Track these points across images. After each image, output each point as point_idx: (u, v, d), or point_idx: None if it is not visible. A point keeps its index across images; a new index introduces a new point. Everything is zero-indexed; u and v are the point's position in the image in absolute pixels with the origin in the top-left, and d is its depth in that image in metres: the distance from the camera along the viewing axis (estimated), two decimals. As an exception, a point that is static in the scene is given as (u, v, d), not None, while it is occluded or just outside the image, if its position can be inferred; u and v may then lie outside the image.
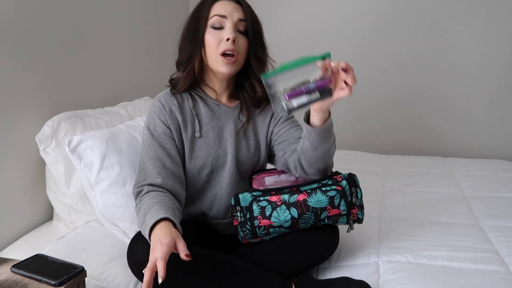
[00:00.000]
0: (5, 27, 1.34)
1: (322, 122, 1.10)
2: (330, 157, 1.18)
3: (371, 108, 2.63)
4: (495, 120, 2.48)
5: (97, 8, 1.78)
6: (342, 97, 1.02)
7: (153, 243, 0.96)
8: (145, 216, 1.05)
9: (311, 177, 1.21)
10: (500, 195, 1.75)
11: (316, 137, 1.11)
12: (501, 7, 2.34)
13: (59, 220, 1.49)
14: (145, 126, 1.25)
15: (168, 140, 1.21)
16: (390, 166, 2.17)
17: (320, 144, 1.12)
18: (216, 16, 1.17)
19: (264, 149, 1.31)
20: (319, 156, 1.15)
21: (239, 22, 1.18)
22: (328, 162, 1.18)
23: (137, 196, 1.17)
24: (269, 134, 1.30)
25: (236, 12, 1.17)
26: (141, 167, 1.20)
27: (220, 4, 1.18)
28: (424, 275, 1.16)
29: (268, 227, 1.15)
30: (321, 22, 2.61)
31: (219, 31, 1.17)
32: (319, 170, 1.19)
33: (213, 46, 1.17)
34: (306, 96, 1.01)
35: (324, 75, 1.01)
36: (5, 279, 0.98)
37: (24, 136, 1.42)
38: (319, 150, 1.13)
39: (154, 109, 1.24)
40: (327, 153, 1.15)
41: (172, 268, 1.06)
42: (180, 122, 1.23)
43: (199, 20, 1.19)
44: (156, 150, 1.20)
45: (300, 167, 1.20)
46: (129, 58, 2.01)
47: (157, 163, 1.18)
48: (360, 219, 1.21)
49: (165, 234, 0.97)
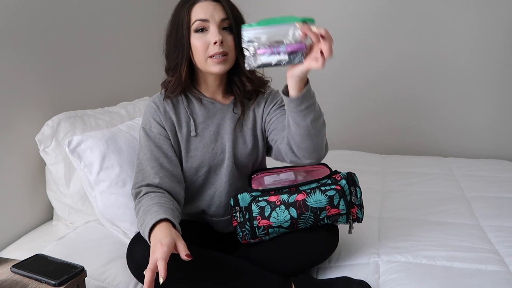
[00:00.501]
0: (6, 27, 1.34)
1: (297, 91, 1.03)
2: (317, 134, 1.09)
3: (371, 108, 2.63)
4: (495, 120, 2.48)
5: (97, 8, 1.79)
6: (313, 68, 0.96)
7: (153, 244, 0.96)
8: (144, 217, 1.05)
9: (304, 161, 1.14)
10: (500, 195, 1.75)
11: (295, 109, 1.04)
12: (501, 7, 2.34)
13: (59, 220, 1.49)
14: (141, 128, 1.25)
15: (163, 140, 1.22)
16: (390, 166, 2.17)
17: (301, 118, 1.05)
18: (197, 21, 1.15)
19: (261, 143, 1.30)
20: (304, 134, 1.07)
21: (222, 22, 1.16)
22: (316, 140, 1.10)
23: (135, 198, 1.17)
24: (263, 123, 1.29)
25: (217, 12, 1.15)
26: (139, 168, 1.20)
27: (198, 7, 1.15)
28: (424, 275, 1.16)
29: (267, 227, 1.15)
30: (321, 22, 2.61)
31: (204, 33, 1.15)
32: (309, 151, 1.11)
33: (201, 51, 1.15)
34: (275, 55, 0.97)
35: (302, 40, 0.96)
36: (5, 279, 0.98)
37: (24, 136, 1.42)
38: (301, 126, 1.06)
39: (149, 110, 1.25)
40: (312, 128, 1.07)
41: (172, 269, 1.06)
42: (175, 122, 1.23)
43: (181, 26, 1.17)
44: (152, 151, 1.20)
45: (291, 151, 1.14)
46: (129, 58, 2.01)
47: (154, 163, 1.18)
48: (359, 218, 1.21)
49: (165, 235, 0.97)
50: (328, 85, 2.66)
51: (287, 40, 0.97)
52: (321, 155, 1.15)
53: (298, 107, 1.04)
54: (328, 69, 2.71)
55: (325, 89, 2.67)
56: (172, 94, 1.23)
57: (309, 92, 1.05)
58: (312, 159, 1.13)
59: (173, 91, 1.22)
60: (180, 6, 1.19)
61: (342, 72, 2.64)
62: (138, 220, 1.10)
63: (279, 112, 1.26)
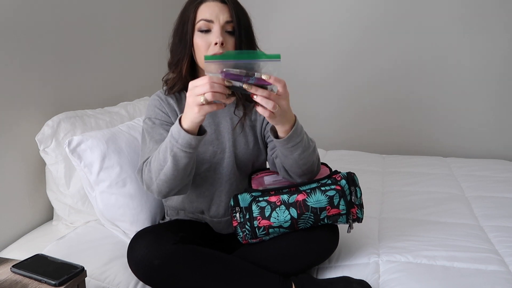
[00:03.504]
0: (6, 27, 1.34)
1: (284, 134, 1.06)
2: (305, 163, 1.13)
3: (371, 108, 2.63)
4: (495, 120, 2.48)
5: (98, 8, 1.79)
6: (259, 113, 0.97)
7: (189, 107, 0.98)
8: (166, 143, 1.04)
9: (297, 180, 1.20)
10: (500, 195, 1.75)
11: (282, 147, 1.09)
12: (501, 7, 2.34)
13: (59, 220, 1.49)
14: (145, 119, 1.25)
15: (170, 126, 1.21)
16: (390, 166, 2.17)
17: (289, 153, 1.10)
18: (202, 20, 1.15)
19: (262, 144, 1.31)
20: (293, 163, 1.13)
21: (226, 24, 1.16)
22: (304, 168, 1.14)
23: (142, 167, 1.14)
24: (262, 130, 1.31)
25: (222, 14, 1.15)
26: (145, 150, 1.18)
27: (205, 6, 1.16)
28: (424, 275, 1.16)
29: (267, 228, 1.15)
30: (323, 21, 2.61)
31: (207, 34, 1.16)
32: (299, 175, 1.17)
33: (202, 50, 1.16)
34: (241, 84, 0.94)
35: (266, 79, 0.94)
36: (5, 279, 0.97)
37: (24, 136, 1.42)
38: (290, 158, 1.12)
39: (154, 102, 1.25)
40: (299, 160, 1.12)
41: (173, 268, 1.06)
42: (178, 115, 1.23)
43: (186, 23, 1.18)
44: (161, 134, 1.19)
45: (284, 170, 1.20)
46: (129, 58, 2.01)
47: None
48: (359, 218, 1.21)
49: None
50: (329, 85, 2.67)
51: (258, 74, 0.94)
52: (313, 175, 1.21)
53: (285, 145, 1.08)
54: (329, 69, 2.73)
55: (325, 89, 2.68)
56: (171, 90, 1.24)
57: (296, 132, 1.06)
58: (302, 179, 1.19)
59: (172, 86, 1.24)
60: (189, 3, 1.20)
61: (343, 72, 2.64)
62: (161, 155, 1.06)
63: None
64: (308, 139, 1.13)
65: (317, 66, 2.66)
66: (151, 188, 1.13)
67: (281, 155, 1.13)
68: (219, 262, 1.12)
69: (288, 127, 1.05)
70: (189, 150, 1.03)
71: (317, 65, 2.67)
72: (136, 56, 2.07)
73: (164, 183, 1.09)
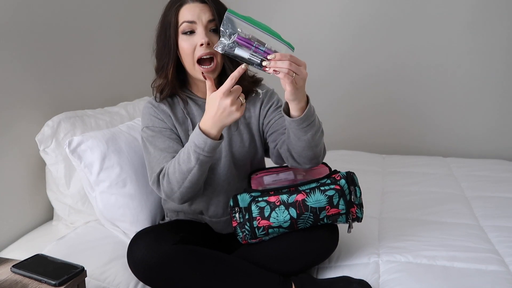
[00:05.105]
0: (5, 27, 1.34)
1: (300, 112, 1.06)
2: (317, 144, 1.13)
3: (371, 108, 2.63)
4: (495, 120, 2.48)
5: (98, 8, 1.79)
6: (287, 89, 1.00)
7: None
8: (188, 153, 1.07)
9: (304, 166, 1.19)
10: (500, 195, 1.75)
11: (297, 127, 1.08)
12: (501, 7, 2.34)
13: (59, 220, 1.49)
14: (142, 128, 1.25)
15: (170, 132, 1.23)
16: (390, 166, 2.17)
17: (303, 133, 1.09)
18: (185, 22, 1.16)
19: (259, 141, 1.31)
20: (305, 146, 1.12)
21: (209, 23, 1.16)
22: (315, 150, 1.14)
23: (158, 177, 1.15)
24: (260, 125, 1.30)
25: (203, 14, 1.16)
26: (151, 161, 1.19)
27: (186, 9, 1.16)
28: (424, 275, 1.16)
29: (267, 228, 1.15)
30: (322, 20, 2.61)
31: (191, 36, 1.16)
32: (309, 159, 1.16)
33: (188, 53, 1.16)
34: (250, 52, 0.97)
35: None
36: (5, 279, 0.98)
37: (24, 136, 1.42)
38: (303, 140, 1.10)
39: (148, 110, 1.25)
40: (312, 141, 1.11)
41: (173, 268, 1.06)
42: (174, 121, 1.24)
43: (168, 28, 1.18)
44: (165, 141, 1.20)
45: (291, 157, 1.18)
46: (129, 58, 2.01)
47: (169, 149, 1.18)
48: (359, 218, 1.21)
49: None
50: (329, 84, 2.66)
51: (269, 45, 0.97)
52: (320, 160, 1.20)
53: (300, 125, 1.08)
54: (329, 68, 2.72)
55: (325, 89, 2.67)
56: (162, 95, 1.24)
57: (310, 110, 1.08)
58: (312, 164, 1.18)
59: (161, 91, 1.24)
60: (169, 8, 1.20)
61: (343, 71, 2.64)
62: (183, 166, 1.08)
63: (277, 113, 1.27)
64: (319, 120, 1.13)
65: (317, 66, 2.66)
66: (172, 197, 1.15)
67: (293, 137, 1.11)
68: (219, 262, 1.12)
69: (303, 104, 1.06)
70: (213, 153, 1.08)
71: (317, 65, 2.66)
72: (136, 56, 2.06)
73: (189, 189, 1.12)
